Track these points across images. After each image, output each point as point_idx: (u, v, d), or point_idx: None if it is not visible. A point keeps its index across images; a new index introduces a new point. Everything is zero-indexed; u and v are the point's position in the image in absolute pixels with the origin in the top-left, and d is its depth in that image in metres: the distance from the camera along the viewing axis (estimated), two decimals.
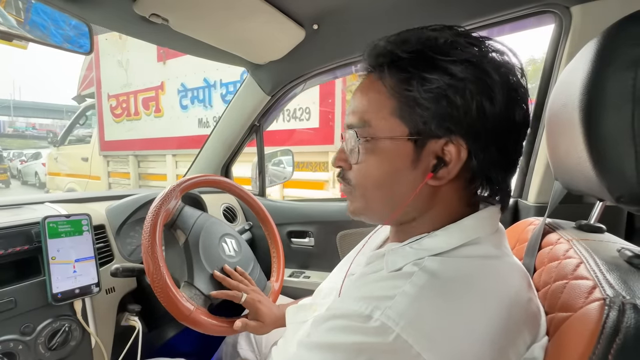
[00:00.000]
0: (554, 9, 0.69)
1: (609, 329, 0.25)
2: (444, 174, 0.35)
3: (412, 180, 0.36)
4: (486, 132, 0.33)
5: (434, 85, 0.33)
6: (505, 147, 0.35)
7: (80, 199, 0.85)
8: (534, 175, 0.77)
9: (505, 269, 0.35)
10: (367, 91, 0.38)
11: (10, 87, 27.22)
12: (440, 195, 0.37)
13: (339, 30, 0.87)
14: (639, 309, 0.26)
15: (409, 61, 0.34)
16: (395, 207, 0.38)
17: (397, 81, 0.35)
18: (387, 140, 0.36)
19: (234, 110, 1.18)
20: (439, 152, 0.34)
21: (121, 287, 0.74)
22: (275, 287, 0.82)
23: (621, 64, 0.29)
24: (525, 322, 0.32)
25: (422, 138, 0.34)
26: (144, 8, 0.68)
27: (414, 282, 0.30)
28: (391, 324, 0.28)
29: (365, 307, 0.30)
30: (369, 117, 0.37)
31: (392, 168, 0.36)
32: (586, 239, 0.43)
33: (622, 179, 0.30)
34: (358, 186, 0.39)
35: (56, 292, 0.60)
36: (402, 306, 0.29)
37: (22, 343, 0.56)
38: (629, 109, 0.28)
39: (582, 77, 0.32)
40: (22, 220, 0.64)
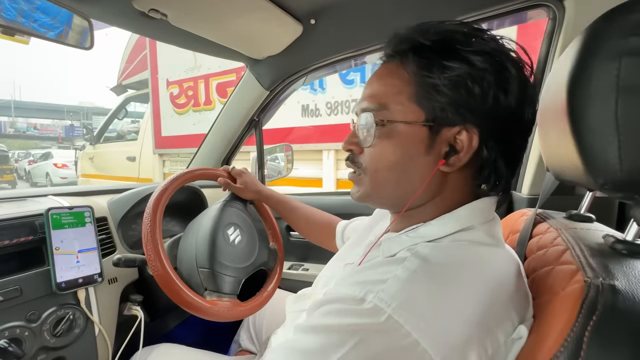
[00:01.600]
0: (548, 3, 0.70)
1: (587, 308, 0.27)
2: (454, 161, 0.36)
3: (424, 165, 0.37)
4: (498, 124, 0.35)
5: (454, 73, 0.34)
6: (513, 141, 0.36)
7: (82, 192, 0.86)
8: (528, 167, 0.78)
9: (495, 255, 0.36)
10: (386, 76, 0.39)
11: (11, 87, 26.44)
12: (449, 182, 0.38)
13: (336, 25, 0.88)
14: (616, 289, 0.27)
15: (431, 48, 0.35)
16: (405, 192, 0.38)
17: (418, 67, 0.36)
18: (403, 124, 0.36)
19: (233, 105, 1.19)
20: (452, 139, 0.36)
21: (123, 278, 0.76)
22: (278, 247, 0.85)
23: (606, 54, 0.30)
24: (513, 305, 0.33)
25: (437, 124, 0.35)
26: (143, 3, 0.69)
27: (406, 267, 0.32)
28: (383, 306, 0.29)
29: (359, 291, 0.31)
30: (386, 101, 0.37)
31: (406, 152, 0.37)
32: (574, 228, 0.44)
33: (605, 167, 0.31)
34: (370, 169, 0.40)
35: (60, 282, 0.62)
36: (394, 289, 0.30)
37: (28, 329, 0.58)
38: (613, 98, 0.29)
39: (570, 69, 0.33)
40: (26, 212, 0.66)
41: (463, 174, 0.38)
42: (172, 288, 0.59)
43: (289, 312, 0.58)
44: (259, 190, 0.83)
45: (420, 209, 0.40)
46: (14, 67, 35.73)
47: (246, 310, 0.69)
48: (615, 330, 0.25)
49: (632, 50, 0.29)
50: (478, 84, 0.33)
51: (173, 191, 0.70)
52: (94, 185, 0.98)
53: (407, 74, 0.36)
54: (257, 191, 0.83)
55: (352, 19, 0.86)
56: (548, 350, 0.27)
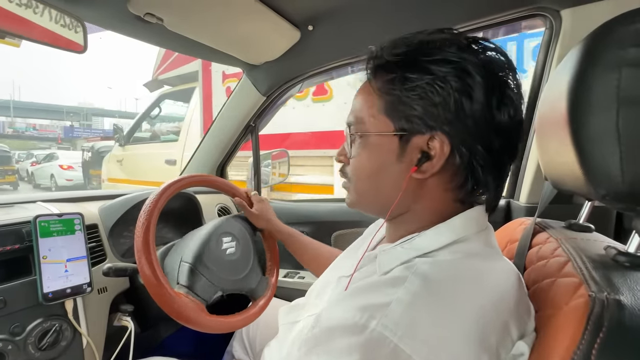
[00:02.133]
0: (544, 12, 0.70)
1: (593, 324, 0.26)
2: (427, 168, 0.36)
3: (397, 172, 0.38)
4: (468, 130, 0.35)
5: (415, 84, 0.35)
6: (491, 147, 0.35)
7: (73, 198, 0.84)
8: (526, 176, 0.78)
9: (494, 269, 0.35)
10: (362, 93, 0.41)
11: (10, 87, 25.93)
12: (427, 189, 0.38)
13: (334, 32, 0.88)
14: (622, 305, 0.26)
15: (395, 63, 0.37)
16: (384, 199, 0.40)
17: (384, 82, 0.38)
18: (375, 135, 0.39)
19: (229, 111, 1.18)
20: (424, 147, 0.36)
21: (114, 287, 0.73)
22: (272, 280, 0.83)
23: (606, 65, 0.30)
24: (514, 319, 0.32)
25: (407, 134, 0.37)
26: (138, 7, 0.68)
27: (407, 288, 0.31)
28: (388, 334, 0.28)
29: (359, 316, 0.30)
30: (362, 115, 0.40)
31: (379, 161, 0.39)
32: (574, 238, 0.44)
33: (607, 178, 0.31)
34: (352, 179, 0.43)
35: (47, 292, 0.60)
36: (397, 314, 0.29)
37: (11, 343, 0.55)
38: (614, 109, 0.29)
39: (569, 79, 0.33)
40: (13, 219, 0.64)
41: (441, 180, 0.37)
42: (165, 299, 0.58)
43: (282, 324, 0.56)
44: (271, 221, 0.84)
45: (407, 217, 0.40)
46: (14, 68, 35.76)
47: (229, 323, 0.66)
48: (623, 347, 0.24)
49: (632, 61, 0.29)
50: (437, 92, 0.34)
51: (169, 197, 0.68)
52: (85, 192, 0.95)
53: (375, 89, 0.39)
54: (269, 221, 0.83)
55: (350, 26, 0.86)
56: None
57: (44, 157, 10.61)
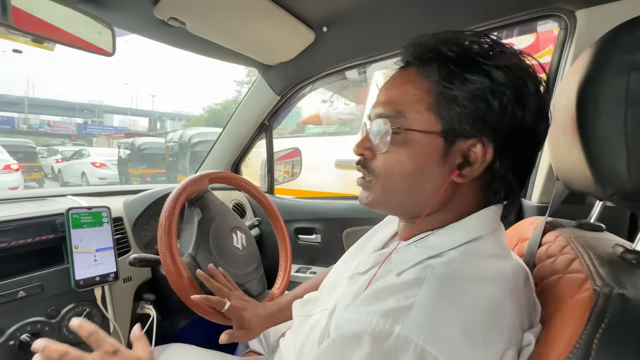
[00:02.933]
0: (559, 13, 0.70)
1: (596, 316, 0.27)
2: (467, 173, 0.36)
3: (437, 175, 0.37)
4: (513, 139, 0.35)
5: (475, 86, 0.34)
6: (525, 155, 0.37)
7: (99, 192, 0.89)
8: (538, 175, 0.78)
9: (508, 268, 0.36)
10: (404, 84, 0.39)
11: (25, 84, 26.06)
12: (460, 193, 0.38)
13: (348, 33, 0.90)
14: (625, 298, 0.28)
15: (454, 60, 0.35)
16: (416, 201, 0.39)
17: (440, 77, 0.36)
18: (419, 133, 0.36)
19: (244, 110, 1.21)
20: (466, 151, 0.36)
21: (137, 277, 0.78)
22: (276, 294, 0.83)
23: (615, 69, 0.31)
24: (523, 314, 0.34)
25: (453, 136, 0.36)
26: (164, 12, 0.72)
27: (427, 290, 0.32)
28: (413, 337, 0.28)
29: (383, 322, 0.30)
30: (404, 109, 0.37)
31: (420, 161, 0.37)
32: (584, 237, 0.44)
33: (614, 177, 0.32)
34: (382, 175, 0.39)
35: (79, 279, 0.64)
36: (419, 317, 0.29)
37: (48, 325, 0.60)
38: (622, 111, 0.30)
39: (580, 80, 0.34)
40: (47, 211, 0.68)
41: (474, 185, 0.38)
42: (183, 289, 0.61)
43: (296, 316, 0.58)
44: (264, 319, 0.65)
45: (429, 217, 0.40)
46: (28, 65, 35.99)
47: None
48: (624, 337, 0.25)
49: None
50: (498, 99, 0.34)
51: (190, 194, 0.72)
52: (110, 186, 1.01)
53: (428, 83, 0.36)
54: (263, 322, 0.65)
55: (364, 27, 0.87)
56: (557, 357, 0.27)
57: (73, 154, 10.09)
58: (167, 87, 65.67)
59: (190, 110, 39.38)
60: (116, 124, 27.65)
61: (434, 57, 0.37)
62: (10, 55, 7.22)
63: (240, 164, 1.35)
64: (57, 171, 10.28)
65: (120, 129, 24.21)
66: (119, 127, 25.67)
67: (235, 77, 3.84)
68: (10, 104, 21.04)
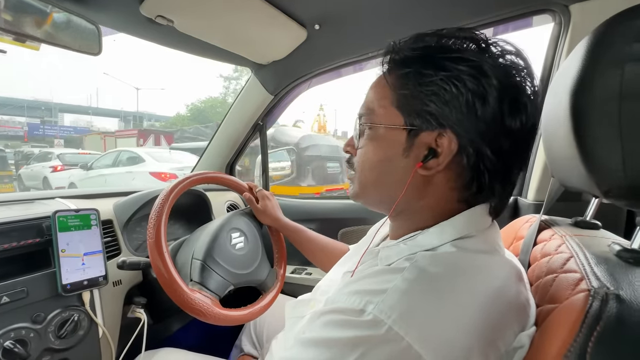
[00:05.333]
0: (553, 7, 0.69)
1: (591, 318, 0.26)
2: (433, 165, 0.36)
3: (402, 166, 0.38)
4: (477, 132, 0.34)
5: (429, 80, 0.35)
6: (499, 151, 0.35)
7: (88, 194, 0.87)
8: (533, 173, 0.77)
9: (494, 263, 0.36)
10: (375, 85, 0.42)
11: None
12: (433, 186, 0.38)
13: (340, 30, 0.88)
14: (621, 299, 0.26)
15: (411, 58, 0.37)
16: (386, 193, 0.40)
17: (398, 76, 0.38)
18: (384, 127, 0.39)
19: (238, 110, 1.20)
20: (432, 143, 0.36)
21: (128, 280, 0.76)
22: (280, 272, 0.85)
23: (609, 61, 0.30)
24: (513, 313, 0.33)
25: (415, 129, 0.37)
26: (150, 10, 0.70)
27: (405, 277, 0.31)
28: (383, 317, 0.28)
29: (358, 301, 0.31)
30: (373, 107, 0.40)
31: (385, 154, 0.39)
32: (579, 235, 0.43)
33: (608, 174, 0.31)
34: (358, 170, 0.43)
35: (65, 283, 0.63)
36: (394, 300, 0.30)
37: (33, 331, 0.59)
38: (616, 105, 0.29)
39: (573, 75, 0.33)
40: (34, 214, 0.67)
41: (447, 178, 0.37)
42: (180, 296, 0.60)
43: (288, 317, 0.58)
44: (277, 218, 0.86)
45: (411, 214, 0.40)
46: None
47: (242, 316, 0.69)
48: (619, 341, 0.24)
49: (635, 56, 0.29)
50: (451, 90, 0.34)
51: (179, 194, 0.71)
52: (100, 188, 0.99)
53: (389, 82, 0.39)
54: (275, 218, 0.86)
55: (357, 24, 0.86)
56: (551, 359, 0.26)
57: (34, 157, 8.59)
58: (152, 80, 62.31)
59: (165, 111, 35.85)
60: (66, 124, 23.65)
61: (393, 58, 0.39)
62: None
63: (234, 164, 1.34)
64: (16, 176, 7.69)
65: (82, 129, 21.07)
66: (82, 127, 22.25)
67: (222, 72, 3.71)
68: None
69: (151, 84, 61.82)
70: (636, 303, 0.26)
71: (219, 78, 23.39)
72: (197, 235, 0.75)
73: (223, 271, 0.70)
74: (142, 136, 12.72)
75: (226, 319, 0.64)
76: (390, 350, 0.27)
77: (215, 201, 1.07)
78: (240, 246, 0.78)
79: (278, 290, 0.81)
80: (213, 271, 0.68)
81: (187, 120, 18.33)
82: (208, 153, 1.29)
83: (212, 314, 0.62)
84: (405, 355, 0.27)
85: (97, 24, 0.69)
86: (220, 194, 1.16)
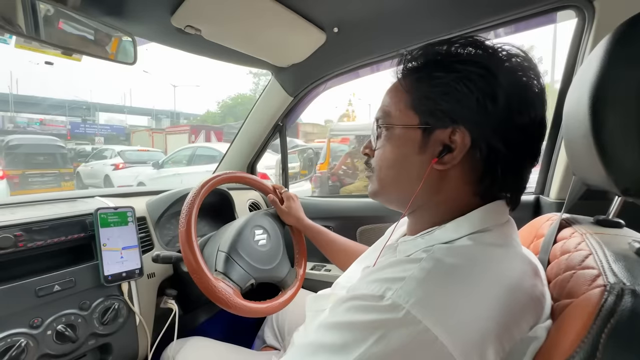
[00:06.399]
0: (576, 3, 0.68)
1: (605, 312, 0.27)
2: (448, 160, 0.39)
3: (418, 163, 0.41)
4: (489, 126, 0.37)
5: (440, 81, 0.38)
6: (511, 144, 0.37)
7: (124, 193, 0.94)
8: (556, 171, 0.76)
9: (509, 256, 0.37)
10: (390, 90, 0.45)
11: (8, 80, 21.91)
12: (448, 181, 0.40)
13: (358, 33, 0.90)
14: (637, 294, 0.27)
15: (424, 64, 0.41)
16: (404, 189, 0.42)
17: (412, 80, 0.41)
18: (400, 128, 0.42)
19: (258, 111, 1.24)
20: (447, 140, 0.39)
21: (160, 273, 0.82)
22: (300, 272, 0.88)
23: (628, 61, 0.31)
24: (528, 305, 0.34)
25: (430, 127, 0.39)
26: (180, 21, 0.75)
27: (422, 266, 0.33)
28: (401, 302, 0.30)
29: (378, 288, 0.33)
30: (389, 109, 0.43)
31: (402, 152, 0.42)
32: (601, 233, 0.43)
33: (627, 172, 0.31)
34: (377, 169, 0.45)
35: (107, 275, 0.69)
36: (411, 287, 0.31)
37: (80, 317, 0.65)
38: (635, 104, 0.30)
39: (593, 73, 0.34)
40: (78, 211, 0.73)
41: (461, 173, 0.39)
42: (205, 283, 0.64)
43: (309, 311, 0.61)
44: (300, 218, 0.91)
45: (427, 209, 0.43)
46: (12, 59, 32.20)
47: (261, 309, 0.72)
48: (632, 333, 0.25)
49: None
50: (462, 88, 0.37)
51: (208, 192, 0.75)
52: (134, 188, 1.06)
53: (404, 86, 0.42)
54: (299, 218, 0.91)
55: (374, 27, 0.88)
56: (564, 352, 0.27)
57: (92, 155, 8.02)
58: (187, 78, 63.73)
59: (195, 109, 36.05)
60: (101, 122, 24.23)
61: (407, 66, 0.42)
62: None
63: (255, 164, 1.38)
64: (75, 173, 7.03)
65: (118, 128, 22.03)
66: (117, 125, 23.04)
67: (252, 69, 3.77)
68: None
69: (187, 82, 63.68)
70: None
71: (248, 75, 23.32)
72: (223, 231, 0.80)
73: (245, 264, 0.74)
74: (194, 132, 12.42)
75: (245, 310, 0.68)
76: (408, 332, 0.29)
77: (238, 200, 1.12)
78: (262, 243, 0.82)
79: (297, 289, 0.84)
80: (236, 263, 0.72)
81: (217, 118, 18.31)
82: (231, 152, 1.34)
83: (233, 302, 0.66)
84: (422, 337, 0.29)
85: (132, 35, 0.75)
86: (243, 193, 1.21)
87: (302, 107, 1.28)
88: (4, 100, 19.91)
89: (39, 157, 5.88)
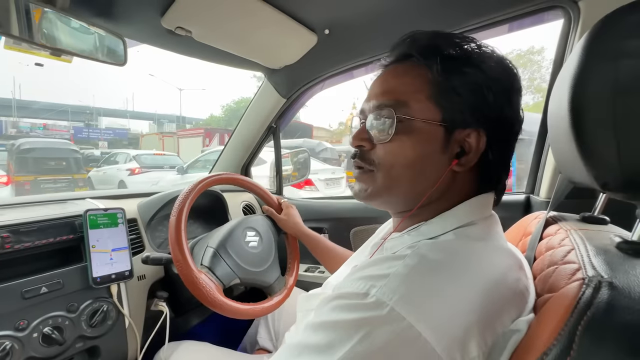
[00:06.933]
0: (562, 4, 0.69)
1: (582, 304, 0.27)
2: (465, 162, 0.38)
3: (438, 163, 0.39)
4: (502, 129, 0.38)
5: (471, 79, 0.37)
6: (509, 145, 0.40)
7: (115, 195, 0.94)
8: (545, 170, 0.77)
9: (492, 249, 0.37)
10: (403, 75, 0.40)
11: (11, 85, 22.23)
12: (457, 183, 0.40)
13: (349, 34, 0.91)
14: (614, 287, 0.27)
15: (451, 54, 0.38)
16: (417, 190, 0.40)
17: (440, 69, 0.38)
18: (422, 122, 0.38)
19: (252, 113, 1.24)
20: (462, 141, 0.38)
21: (151, 275, 0.81)
22: (290, 281, 0.87)
23: (604, 57, 0.31)
24: (512, 299, 0.34)
25: (452, 125, 0.38)
26: (170, 22, 0.76)
27: (406, 263, 0.33)
28: (385, 299, 0.30)
29: (362, 286, 0.32)
30: (406, 98, 0.39)
31: (424, 150, 0.38)
32: (585, 229, 0.44)
33: (605, 167, 0.32)
34: (386, 165, 0.40)
35: (96, 276, 0.68)
36: (395, 284, 0.31)
37: (68, 319, 0.64)
38: (611, 100, 0.30)
39: (572, 71, 0.34)
40: (67, 212, 0.73)
41: (470, 174, 0.40)
42: (195, 286, 0.64)
43: (299, 311, 0.60)
44: (298, 225, 0.92)
45: (425, 207, 0.42)
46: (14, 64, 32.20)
47: (241, 309, 0.70)
48: (608, 325, 0.25)
49: (629, 52, 0.30)
50: (491, 90, 0.37)
51: (199, 193, 0.75)
52: (125, 190, 1.06)
53: (429, 74, 0.38)
54: (298, 227, 0.91)
55: (365, 28, 0.88)
56: (542, 344, 0.27)
57: (104, 160, 7.81)
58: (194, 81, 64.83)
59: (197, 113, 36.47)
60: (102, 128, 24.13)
61: (432, 50, 0.38)
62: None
63: (249, 166, 1.38)
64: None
65: (121, 132, 22.08)
66: (120, 130, 23.07)
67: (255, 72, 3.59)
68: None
69: (193, 85, 63.97)
70: (627, 290, 0.27)
71: (252, 78, 23.22)
72: (214, 231, 0.80)
73: (232, 263, 0.74)
74: (208, 135, 11.96)
75: (225, 307, 0.66)
76: (392, 330, 0.29)
77: (231, 202, 1.11)
78: (253, 244, 0.81)
79: (284, 297, 0.82)
80: (223, 260, 0.72)
81: (221, 122, 17.93)
82: (225, 154, 1.34)
83: (212, 297, 0.64)
84: (406, 334, 0.29)
85: (122, 37, 0.75)
86: (236, 195, 1.21)
87: (296, 109, 1.29)
88: (6, 105, 19.87)
89: (52, 162, 5.63)
